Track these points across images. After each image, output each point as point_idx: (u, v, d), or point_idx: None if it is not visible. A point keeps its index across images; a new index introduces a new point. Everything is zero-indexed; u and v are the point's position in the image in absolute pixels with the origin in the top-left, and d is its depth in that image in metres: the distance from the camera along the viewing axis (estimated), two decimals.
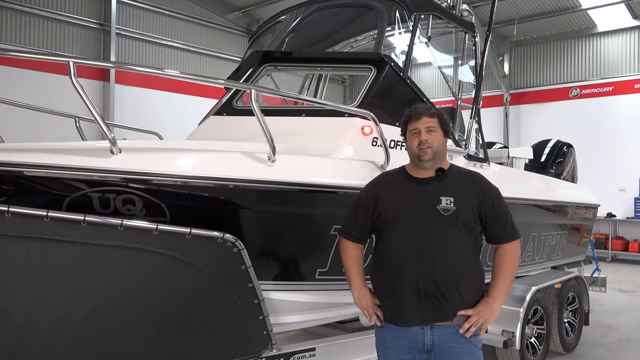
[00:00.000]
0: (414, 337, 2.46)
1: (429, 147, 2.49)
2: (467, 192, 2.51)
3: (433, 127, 2.53)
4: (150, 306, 2.59)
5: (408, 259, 2.42)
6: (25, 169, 2.32)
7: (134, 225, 2.40)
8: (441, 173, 2.54)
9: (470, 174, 2.68)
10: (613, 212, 13.23)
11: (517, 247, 2.58)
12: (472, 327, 2.42)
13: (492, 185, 2.61)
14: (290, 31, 4.35)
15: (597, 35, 14.25)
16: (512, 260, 2.55)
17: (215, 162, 2.70)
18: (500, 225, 2.54)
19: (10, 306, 2.32)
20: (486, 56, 4.64)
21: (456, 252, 2.44)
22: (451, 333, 2.43)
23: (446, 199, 2.45)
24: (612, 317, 7.12)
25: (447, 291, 2.39)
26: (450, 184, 2.52)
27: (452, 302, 2.41)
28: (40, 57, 4.05)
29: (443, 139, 2.56)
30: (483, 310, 2.44)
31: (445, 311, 2.42)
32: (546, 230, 5.49)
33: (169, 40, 13.77)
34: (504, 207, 2.57)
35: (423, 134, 2.51)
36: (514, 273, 2.56)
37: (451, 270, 2.40)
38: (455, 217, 2.43)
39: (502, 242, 2.56)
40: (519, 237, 2.59)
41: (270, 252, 3.06)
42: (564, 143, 7.12)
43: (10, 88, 10.40)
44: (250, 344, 2.95)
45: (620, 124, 13.55)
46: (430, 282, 2.39)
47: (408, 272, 2.41)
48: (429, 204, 2.46)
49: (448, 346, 2.43)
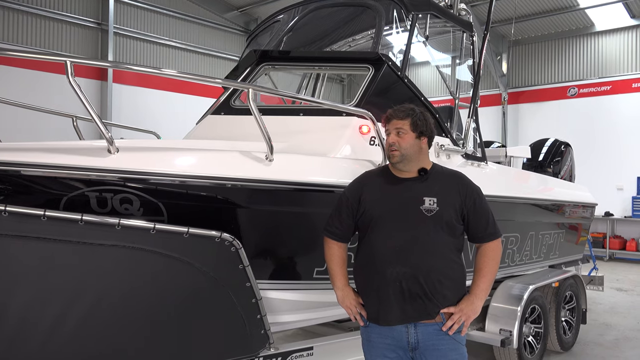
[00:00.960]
0: (398, 335, 2.49)
1: (396, 149, 2.55)
2: (449, 192, 2.54)
3: (402, 129, 2.57)
4: (147, 305, 2.59)
5: (391, 259, 2.44)
6: (23, 168, 2.32)
7: (132, 224, 2.40)
8: (424, 173, 2.57)
9: (453, 173, 2.70)
10: (611, 211, 13.25)
11: (499, 246, 2.61)
12: (454, 324, 2.46)
13: (473, 185, 2.63)
14: (288, 30, 4.34)
15: (594, 35, 14.26)
16: (494, 258, 2.58)
17: (213, 162, 2.70)
18: (482, 225, 2.57)
19: (8, 306, 2.32)
20: (484, 55, 4.64)
21: (439, 251, 2.46)
22: (434, 331, 2.47)
23: (429, 199, 2.48)
24: (610, 316, 7.14)
25: (430, 290, 2.42)
26: (433, 184, 2.55)
27: (435, 301, 2.44)
28: (37, 57, 4.03)
29: (414, 141, 2.58)
30: (465, 308, 2.47)
31: (429, 310, 2.44)
32: (544, 229, 5.50)
33: (166, 40, 13.76)
34: (486, 206, 2.60)
35: (391, 137, 2.59)
36: (495, 271, 2.59)
37: (434, 270, 2.43)
38: (438, 218, 2.46)
39: (483, 240, 2.59)
40: (500, 235, 2.62)
41: (267, 251, 3.06)
42: (562, 142, 7.13)
43: (8, 87, 10.39)
44: (248, 343, 2.95)
45: (618, 123, 13.57)
46: (413, 282, 2.41)
47: (391, 272, 2.43)
48: (412, 205, 2.49)
49: (432, 344, 2.46)
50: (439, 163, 2.85)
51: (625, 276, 10.54)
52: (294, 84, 5.59)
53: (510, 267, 4.98)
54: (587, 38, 14.39)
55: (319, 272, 3.14)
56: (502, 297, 4.69)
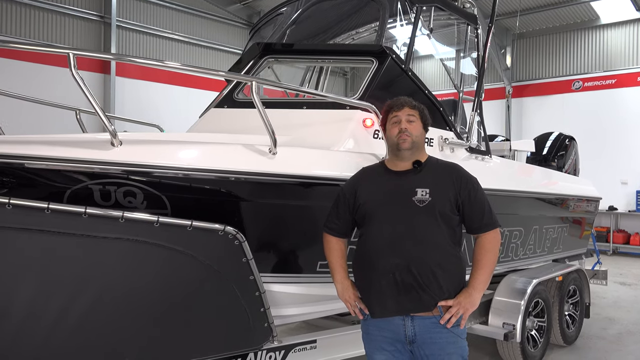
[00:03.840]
0: (395, 328, 2.50)
1: (408, 135, 2.55)
2: (443, 183, 2.53)
3: (414, 117, 2.59)
4: (151, 298, 2.59)
5: (385, 252, 2.45)
6: (26, 161, 2.32)
7: (135, 217, 2.40)
8: (418, 165, 2.57)
9: (448, 165, 2.69)
10: (615, 205, 13.21)
11: (497, 237, 2.59)
12: (452, 317, 2.45)
13: (469, 175, 2.62)
14: (291, 23, 4.32)
15: (600, 28, 14.16)
16: (492, 250, 2.56)
17: (216, 155, 2.69)
18: (478, 215, 2.55)
19: (12, 298, 2.33)
20: (488, 48, 4.61)
21: (432, 242, 2.45)
22: (432, 324, 2.46)
23: (422, 190, 2.47)
24: (613, 310, 7.13)
25: (423, 281, 2.41)
26: (426, 175, 2.55)
27: (430, 292, 2.42)
28: (40, 49, 4.04)
29: (422, 131, 2.62)
30: (463, 301, 2.46)
31: (425, 302, 2.43)
32: (548, 223, 5.48)
33: (169, 33, 13.72)
34: (482, 197, 2.58)
35: (404, 123, 2.57)
36: (494, 263, 2.57)
37: (427, 261, 2.42)
38: (431, 208, 2.45)
39: (480, 231, 2.57)
40: (499, 226, 2.60)
41: (271, 245, 3.07)
42: (566, 136, 7.10)
43: (10, 80, 10.39)
44: (251, 336, 2.96)
45: (622, 116, 13.50)
46: (406, 273, 2.41)
47: (384, 265, 2.44)
48: (404, 196, 2.49)
49: (430, 337, 2.46)
50: (443, 157, 2.85)
51: (629, 270, 10.52)
52: (297, 78, 5.57)
53: (513, 261, 4.98)
54: (592, 31, 14.29)
55: (322, 265, 3.14)
56: (506, 291, 4.69)
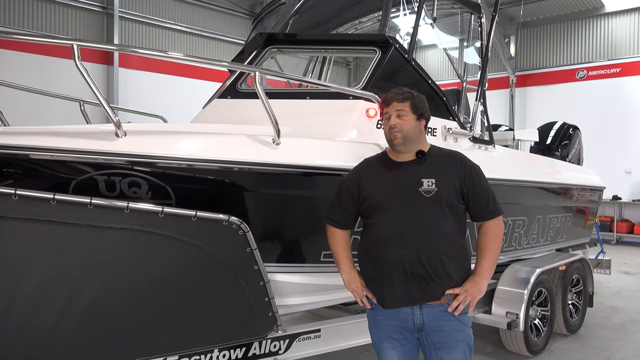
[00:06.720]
0: (404, 317, 2.51)
1: (398, 131, 2.55)
2: (448, 172, 2.54)
3: (403, 111, 2.58)
4: (155, 288, 2.61)
5: (393, 242, 2.45)
6: (31, 152, 2.33)
7: (140, 207, 2.42)
8: (421, 155, 2.57)
9: (451, 153, 2.69)
10: (619, 194, 13.18)
11: (501, 224, 2.61)
12: (460, 305, 2.47)
13: (472, 163, 2.62)
14: (294, 13, 4.30)
15: (604, 16, 14.05)
16: (496, 237, 2.58)
17: (220, 145, 2.70)
18: (482, 203, 2.57)
19: (18, 289, 2.35)
20: (492, 37, 4.59)
21: (440, 232, 2.46)
22: (440, 312, 2.48)
23: (427, 180, 2.48)
24: (617, 299, 7.14)
25: (433, 271, 2.43)
26: (430, 165, 2.56)
27: (439, 281, 2.44)
28: (44, 40, 4.04)
29: (415, 122, 2.59)
30: (470, 289, 2.48)
31: (433, 291, 2.45)
32: (551, 212, 5.48)
33: (172, 24, 13.69)
34: (485, 184, 2.59)
35: (393, 119, 2.58)
36: (498, 250, 2.59)
37: (436, 250, 2.44)
38: (437, 198, 2.46)
39: (485, 219, 2.58)
40: (502, 213, 2.62)
41: (275, 235, 3.08)
42: (570, 125, 7.07)
43: (14, 72, 10.40)
44: (256, 325, 2.98)
45: (627, 105, 13.43)
46: (416, 264, 2.42)
47: (394, 255, 2.44)
48: (411, 187, 2.49)
49: (438, 324, 2.48)
50: (447, 146, 2.84)
51: (632, 260, 10.52)
52: (300, 68, 5.56)
53: (517, 251, 4.98)
54: (597, 19, 14.18)
55: (326, 255, 3.16)
56: (509, 280, 4.70)
